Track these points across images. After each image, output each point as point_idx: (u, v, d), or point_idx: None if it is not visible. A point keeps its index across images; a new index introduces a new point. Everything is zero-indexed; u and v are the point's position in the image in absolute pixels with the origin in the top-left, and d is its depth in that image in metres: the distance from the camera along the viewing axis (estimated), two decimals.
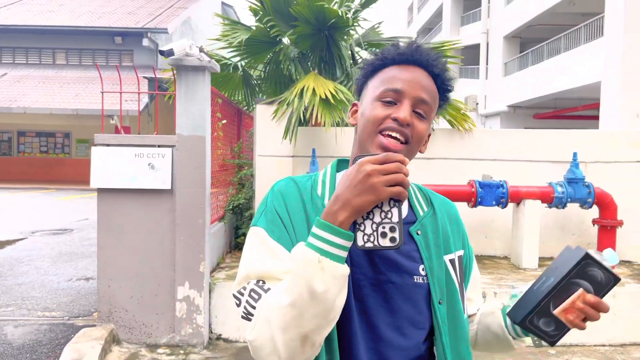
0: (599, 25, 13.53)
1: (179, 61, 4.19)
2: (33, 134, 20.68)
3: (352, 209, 0.88)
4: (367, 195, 0.87)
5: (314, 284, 0.85)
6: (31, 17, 19.31)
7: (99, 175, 4.21)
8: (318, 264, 0.86)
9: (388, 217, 0.90)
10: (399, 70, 1.06)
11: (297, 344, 0.88)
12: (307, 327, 0.87)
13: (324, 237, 0.88)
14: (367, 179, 0.87)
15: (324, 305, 0.87)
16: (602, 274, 0.98)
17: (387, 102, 1.04)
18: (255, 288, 0.96)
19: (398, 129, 1.02)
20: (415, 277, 1.04)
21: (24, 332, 4.40)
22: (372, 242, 0.89)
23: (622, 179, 5.80)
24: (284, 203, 1.06)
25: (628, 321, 4.57)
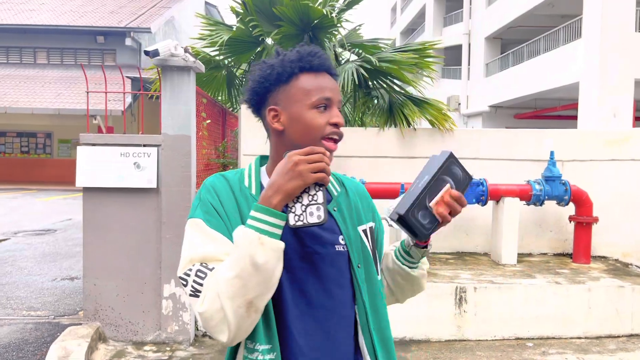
0: (578, 27, 13.82)
1: (164, 61, 4.24)
2: (14, 134, 20.40)
3: (284, 193, 1.06)
4: (296, 181, 1.06)
5: (256, 257, 1.02)
6: (12, 15, 19.07)
7: (85, 174, 4.24)
8: (258, 240, 1.03)
9: (314, 199, 1.07)
10: (317, 77, 1.21)
11: (244, 310, 1.04)
12: (252, 294, 1.04)
13: (262, 218, 1.05)
14: (295, 167, 1.06)
15: (265, 275, 1.04)
16: (461, 172, 1.18)
17: (321, 109, 1.19)
18: (200, 268, 1.10)
19: (338, 132, 1.20)
20: (336, 246, 1.22)
21: (10, 331, 4.40)
22: (302, 220, 1.06)
23: (598, 177, 5.98)
24: (217, 196, 1.20)
25: (603, 314, 4.72)
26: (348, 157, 5.86)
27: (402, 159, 5.95)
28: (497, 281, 4.80)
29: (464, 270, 5.21)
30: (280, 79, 1.20)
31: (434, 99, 6.19)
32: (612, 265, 5.63)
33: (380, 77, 6.02)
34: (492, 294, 4.66)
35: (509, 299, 4.67)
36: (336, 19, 5.64)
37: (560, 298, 4.70)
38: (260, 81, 1.23)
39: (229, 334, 1.05)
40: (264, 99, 1.25)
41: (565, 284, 4.78)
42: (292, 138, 1.20)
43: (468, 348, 4.46)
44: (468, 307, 4.63)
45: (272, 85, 1.22)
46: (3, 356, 3.92)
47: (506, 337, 4.65)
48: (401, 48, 6.27)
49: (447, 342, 4.58)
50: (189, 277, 1.10)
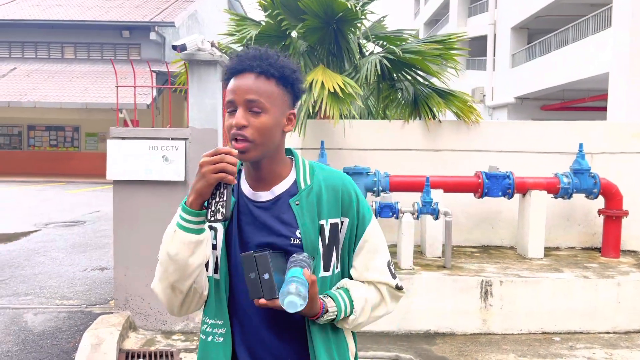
0: (607, 16, 13.48)
1: (191, 56, 4.29)
2: (43, 127, 20.87)
3: (195, 192, 1.19)
4: (201, 181, 1.18)
5: (169, 248, 1.23)
6: (39, 11, 19.45)
7: (115, 167, 4.33)
8: (173, 233, 1.22)
9: (222, 197, 1.18)
10: (233, 81, 1.28)
11: (170, 291, 1.28)
12: (172, 279, 1.26)
13: (181, 214, 1.22)
14: (200, 169, 1.18)
15: (179, 263, 1.22)
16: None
17: (231, 112, 1.27)
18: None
19: (238, 133, 1.24)
20: (291, 239, 1.29)
21: (44, 320, 4.55)
22: (213, 216, 1.19)
23: (627, 169, 5.86)
24: None
25: (632, 309, 4.65)
26: (372, 150, 5.86)
27: (427, 151, 5.92)
28: (523, 275, 4.76)
29: (489, 263, 5.17)
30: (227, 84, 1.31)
31: (459, 91, 6.14)
32: None
33: (405, 68, 5.99)
34: (518, 288, 4.62)
35: (535, 293, 4.62)
36: (360, 12, 5.62)
37: (588, 292, 4.64)
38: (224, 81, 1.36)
39: (168, 309, 1.33)
40: None
41: (593, 278, 4.72)
42: None
43: (494, 342, 4.44)
44: (494, 300, 4.60)
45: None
46: (38, 343, 4.05)
47: (532, 331, 4.61)
48: (425, 39, 6.23)
49: (473, 336, 4.56)
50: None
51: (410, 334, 4.54)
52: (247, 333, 1.30)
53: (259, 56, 1.27)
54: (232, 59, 1.30)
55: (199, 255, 1.22)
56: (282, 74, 1.28)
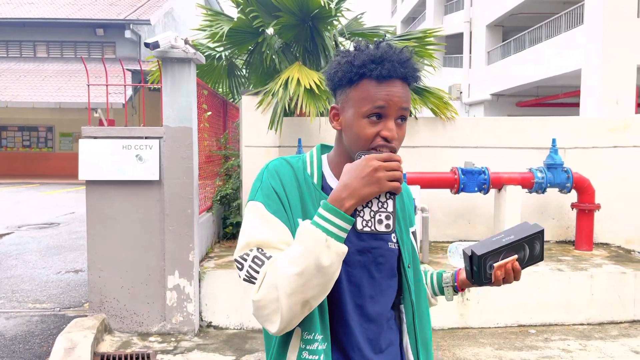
0: (580, 14, 13.72)
1: (165, 53, 4.23)
2: (15, 128, 20.43)
3: (359, 198, 1.03)
4: (372, 187, 1.03)
5: (321, 259, 1.01)
6: (10, 9, 19.00)
7: (87, 167, 4.25)
8: (325, 242, 1.02)
9: (384, 207, 1.06)
10: (380, 85, 1.13)
11: (299, 308, 1.05)
12: (310, 294, 1.04)
13: (332, 220, 1.03)
14: (374, 172, 1.03)
15: (327, 277, 1.04)
16: (539, 249, 1.22)
17: (373, 119, 1.13)
18: (258, 255, 1.10)
19: (387, 146, 1.13)
20: (389, 243, 1.24)
21: (16, 324, 4.44)
22: (370, 227, 1.05)
23: (600, 164, 5.97)
24: (279, 180, 1.19)
25: (605, 301, 4.74)
26: None
27: (403, 148, 5.92)
28: None
29: None
30: (342, 81, 1.18)
31: (435, 88, 6.17)
32: (615, 252, 5.64)
33: None
34: None
35: (511, 287, 4.68)
36: (334, 9, 5.61)
37: (562, 285, 4.71)
38: (328, 78, 1.22)
39: (280, 327, 1.06)
40: (334, 93, 1.24)
41: (567, 271, 4.80)
42: (346, 142, 1.19)
43: (471, 335, 4.49)
44: (470, 295, 4.64)
45: (336, 85, 1.20)
46: (10, 348, 3.96)
47: (509, 324, 4.67)
48: (402, 36, 6.25)
49: (450, 330, 4.60)
50: (245, 261, 1.11)
51: None
52: (346, 345, 1.19)
53: (405, 61, 1.15)
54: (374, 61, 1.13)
55: (340, 268, 1.07)
56: (418, 79, 1.19)
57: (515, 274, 1.20)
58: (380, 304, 1.22)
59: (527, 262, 1.21)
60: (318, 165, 1.25)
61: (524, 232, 1.19)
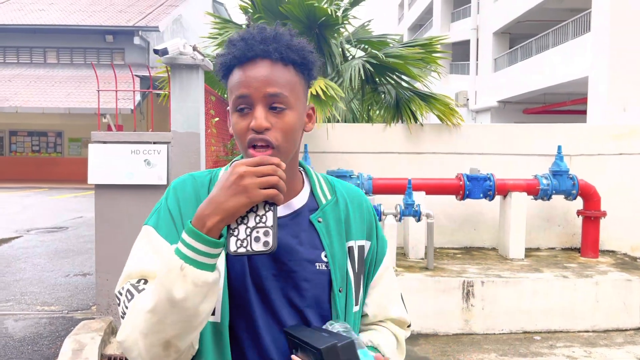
0: (587, 21, 13.72)
1: (173, 60, 4.30)
2: (25, 133, 20.64)
3: (224, 212, 0.85)
4: (239, 197, 0.85)
5: (173, 292, 0.84)
6: (22, 16, 19.25)
7: (96, 171, 4.31)
8: (180, 271, 0.84)
9: (262, 220, 0.87)
10: (242, 71, 0.98)
11: (159, 350, 0.88)
12: (169, 334, 0.87)
13: (191, 243, 0.86)
14: (240, 180, 0.85)
15: (184, 313, 0.86)
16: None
17: (242, 111, 0.98)
18: (130, 288, 0.95)
19: (259, 138, 0.96)
20: (317, 264, 1.03)
21: (25, 326, 4.50)
22: (245, 247, 0.86)
23: (606, 171, 5.97)
24: (177, 200, 1.03)
25: (611, 308, 4.74)
26: (355, 153, 5.90)
27: (409, 154, 5.98)
28: (504, 275, 4.82)
29: (471, 264, 5.23)
30: (223, 75, 1.03)
31: (441, 94, 6.21)
32: (621, 259, 5.63)
33: (387, 72, 6.06)
34: (499, 288, 4.68)
35: (516, 293, 4.69)
36: (341, 17, 5.68)
37: (567, 292, 4.71)
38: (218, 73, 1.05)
39: None
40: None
41: (572, 277, 4.80)
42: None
43: (475, 342, 4.50)
44: (475, 301, 4.66)
45: (223, 80, 1.04)
46: (19, 350, 4.01)
47: (514, 330, 4.68)
48: (407, 43, 6.31)
49: (455, 336, 4.61)
50: (121, 295, 0.95)
51: None
52: None
53: (272, 37, 0.98)
54: (233, 44, 1.00)
55: (212, 300, 0.88)
56: (303, 57, 1.01)
57: None
58: None
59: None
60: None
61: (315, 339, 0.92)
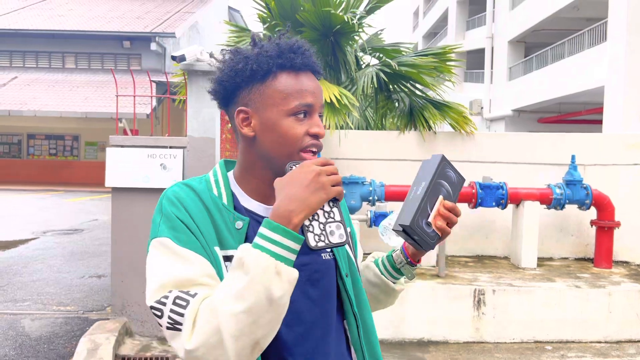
0: (603, 30, 13.65)
1: (190, 66, 4.38)
2: (42, 136, 20.97)
3: (309, 208, 0.90)
4: (319, 194, 0.90)
5: (272, 291, 0.85)
6: (41, 21, 19.62)
7: (113, 175, 4.40)
8: (275, 269, 0.86)
9: (331, 216, 0.95)
10: (299, 78, 1.04)
11: (249, 351, 0.88)
12: (260, 334, 0.88)
13: (279, 240, 0.88)
14: (317, 177, 0.91)
15: (279, 310, 0.88)
16: (454, 175, 1.10)
17: (300, 117, 1.03)
18: (179, 295, 0.92)
19: (317, 144, 1.04)
20: (323, 255, 1.11)
21: (41, 325, 4.59)
22: (324, 241, 0.92)
23: (620, 181, 5.94)
24: (183, 207, 1.02)
25: (623, 319, 4.70)
26: (367, 160, 5.93)
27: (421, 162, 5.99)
28: (516, 284, 4.82)
29: (482, 273, 5.23)
30: (255, 76, 1.03)
31: (454, 102, 6.23)
32: (635, 270, 5.59)
33: (401, 80, 6.09)
34: (511, 297, 4.68)
35: (528, 302, 4.68)
36: (357, 25, 5.73)
37: (580, 302, 4.69)
38: (230, 74, 1.05)
39: None
40: (232, 95, 1.07)
41: (585, 288, 4.78)
42: (265, 147, 1.04)
43: (486, 350, 4.49)
44: (487, 309, 4.65)
45: (244, 82, 1.04)
46: (35, 348, 4.10)
47: (525, 340, 4.66)
48: (421, 52, 6.34)
49: (466, 344, 4.61)
50: (164, 305, 0.92)
51: (404, 342, 4.59)
52: None
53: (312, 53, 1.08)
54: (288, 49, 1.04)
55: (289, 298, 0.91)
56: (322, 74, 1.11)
57: (452, 212, 1.07)
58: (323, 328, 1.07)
59: (453, 193, 1.10)
60: (225, 183, 1.08)
61: (430, 171, 1.07)
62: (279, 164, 1.02)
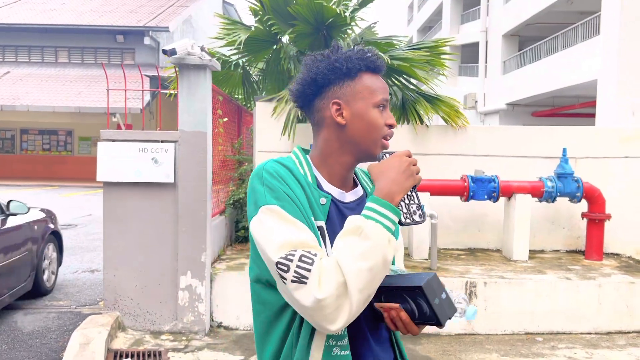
0: (596, 24, 13.67)
1: (181, 60, 4.37)
2: (36, 131, 20.88)
3: (405, 190, 1.13)
4: (411, 180, 1.14)
5: (387, 255, 1.08)
6: (33, 15, 19.48)
7: (105, 169, 4.39)
8: (388, 238, 1.09)
9: (412, 199, 1.16)
10: (378, 78, 1.27)
11: (365, 303, 1.09)
12: (374, 288, 1.10)
13: (387, 214, 1.09)
14: (410, 166, 1.14)
15: (386, 271, 1.11)
16: (428, 308, 1.13)
17: (380, 109, 1.25)
18: (305, 254, 1.08)
19: (392, 133, 1.27)
20: None
21: (33, 320, 4.59)
22: (410, 219, 1.14)
23: (611, 174, 5.98)
24: (284, 181, 1.18)
25: (613, 310, 4.75)
26: None
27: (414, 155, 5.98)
28: (507, 276, 4.85)
29: (474, 265, 5.26)
30: (348, 74, 1.24)
31: (446, 96, 6.24)
32: (625, 262, 5.63)
33: (393, 74, 6.09)
34: (502, 289, 4.71)
35: (519, 294, 4.71)
36: (349, 18, 5.72)
37: (570, 294, 4.73)
38: (324, 72, 1.24)
39: (343, 323, 1.06)
40: (321, 91, 1.26)
41: (575, 279, 4.81)
42: (353, 134, 1.24)
43: (477, 342, 4.52)
44: (478, 301, 4.68)
45: (337, 78, 1.25)
46: (27, 343, 4.10)
47: (516, 331, 4.70)
48: (414, 45, 6.34)
49: (457, 336, 4.64)
50: (290, 262, 1.07)
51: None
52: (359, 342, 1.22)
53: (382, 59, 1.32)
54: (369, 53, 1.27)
55: None
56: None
57: (406, 326, 1.16)
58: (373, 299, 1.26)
59: (419, 318, 1.14)
60: (308, 166, 1.26)
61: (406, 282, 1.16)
62: (364, 149, 1.25)
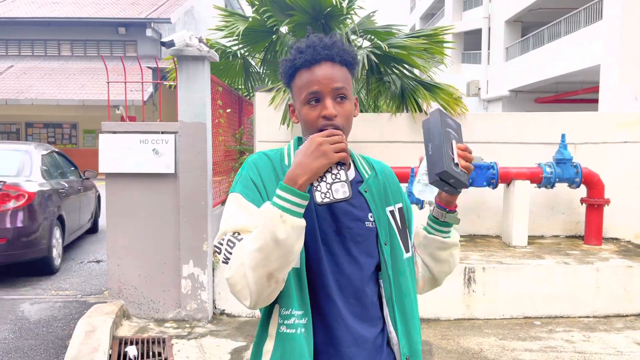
0: (599, 9, 13.57)
1: (180, 51, 4.41)
2: (41, 125, 20.95)
3: (311, 172, 1.14)
4: (321, 160, 1.14)
5: (277, 233, 1.11)
6: (36, 9, 19.51)
7: (107, 160, 4.46)
8: (280, 217, 1.12)
9: (338, 177, 1.16)
10: (311, 71, 1.28)
11: (264, 280, 1.15)
12: (272, 267, 1.14)
13: (286, 197, 1.14)
14: (319, 147, 1.15)
15: (285, 250, 1.13)
16: (452, 121, 1.29)
17: (312, 103, 1.28)
18: (231, 238, 1.22)
19: (330, 124, 1.26)
20: (366, 222, 1.33)
21: (40, 309, 4.69)
22: (329, 197, 1.15)
23: (610, 159, 6.00)
24: (257, 171, 1.31)
25: (611, 294, 4.80)
26: (360, 142, 5.97)
27: (413, 143, 6.04)
28: (505, 262, 4.90)
29: (474, 251, 5.31)
30: (289, 77, 1.32)
31: (445, 84, 6.26)
32: (624, 246, 5.67)
33: (392, 62, 6.11)
34: (501, 274, 4.76)
35: (517, 279, 4.77)
36: (346, 8, 5.74)
37: (568, 278, 4.78)
38: (281, 79, 1.38)
39: (251, 300, 1.16)
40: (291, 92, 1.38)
41: (574, 264, 4.86)
42: (303, 132, 1.34)
43: (476, 326, 4.59)
44: (477, 287, 4.74)
45: (286, 83, 1.36)
46: (33, 331, 4.19)
47: (514, 316, 4.76)
48: (412, 34, 6.35)
49: (456, 321, 4.71)
50: (222, 246, 1.22)
51: None
52: (329, 319, 1.28)
53: (331, 45, 1.29)
54: (300, 51, 1.29)
55: (301, 241, 1.17)
56: (353, 58, 1.32)
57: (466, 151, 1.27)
58: (360, 280, 1.31)
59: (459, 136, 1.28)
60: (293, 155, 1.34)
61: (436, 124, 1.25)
62: None
